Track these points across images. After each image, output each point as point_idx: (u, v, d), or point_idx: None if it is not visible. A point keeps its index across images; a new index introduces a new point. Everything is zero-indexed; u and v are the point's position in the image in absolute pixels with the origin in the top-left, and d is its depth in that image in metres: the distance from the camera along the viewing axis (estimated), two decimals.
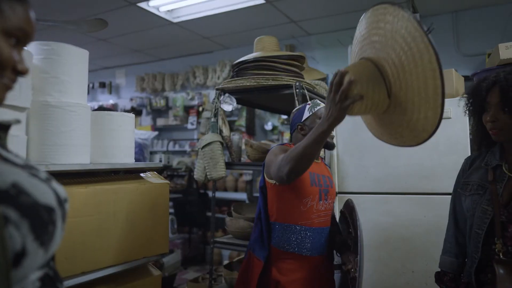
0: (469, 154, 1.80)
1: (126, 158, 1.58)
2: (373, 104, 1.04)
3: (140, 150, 3.59)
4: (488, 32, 3.64)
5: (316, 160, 1.61)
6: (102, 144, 1.52)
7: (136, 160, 3.39)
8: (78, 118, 1.35)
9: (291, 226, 1.50)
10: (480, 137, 1.38)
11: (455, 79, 2.20)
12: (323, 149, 1.71)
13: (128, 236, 1.45)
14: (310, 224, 1.50)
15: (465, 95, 1.39)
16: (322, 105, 1.61)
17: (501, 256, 1.20)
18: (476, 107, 1.32)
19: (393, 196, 2.08)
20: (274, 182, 1.49)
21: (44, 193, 0.53)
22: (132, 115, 1.60)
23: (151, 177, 1.63)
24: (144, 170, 1.66)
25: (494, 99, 1.22)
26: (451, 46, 3.83)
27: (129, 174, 1.63)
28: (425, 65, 0.90)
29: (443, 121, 2.07)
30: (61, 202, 0.55)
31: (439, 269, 1.48)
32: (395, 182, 2.09)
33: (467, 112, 1.39)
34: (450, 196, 1.54)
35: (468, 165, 1.44)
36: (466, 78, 2.40)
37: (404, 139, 1.05)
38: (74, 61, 1.37)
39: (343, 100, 1.05)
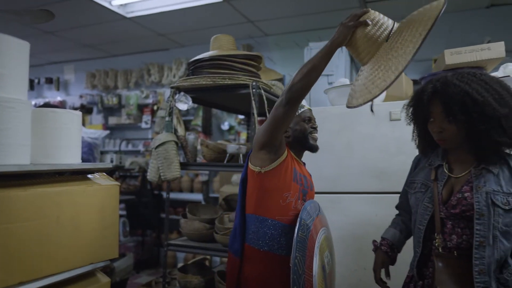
0: (417, 154, 1.88)
1: (72, 158, 1.47)
2: (373, 35, 1.21)
3: (90, 150, 3.42)
4: (434, 39, 3.84)
5: (299, 161, 1.61)
6: (44, 143, 1.41)
7: (86, 160, 3.24)
8: (17, 115, 1.24)
9: (267, 220, 1.47)
10: (423, 144, 1.45)
11: (404, 82, 2.30)
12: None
13: (73, 241, 1.36)
14: (286, 221, 1.47)
15: (406, 106, 1.44)
16: (307, 107, 1.64)
17: (440, 251, 1.27)
18: (419, 117, 1.38)
19: (346, 196, 2.13)
20: (259, 169, 1.46)
21: None
22: (78, 113, 1.50)
23: (100, 179, 1.54)
24: (91, 171, 1.56)
25: (437, 110, 1.26)
26: None
27: (76, 175, 1.53)
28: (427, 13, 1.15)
29: (392, 123, 2.15)
30: None
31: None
32: (348, 182, 2.14)
33: (410, 121, 1.45)
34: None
35: (415, 165, 1.52)
36: (415, 82, 2.51)
37: (386, 75, 1.18)
38: (13, 53, 1.26)
39: (349, 21, 1.23)
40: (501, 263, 1.21)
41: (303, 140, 1.59)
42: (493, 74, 1.92)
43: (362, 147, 2.13)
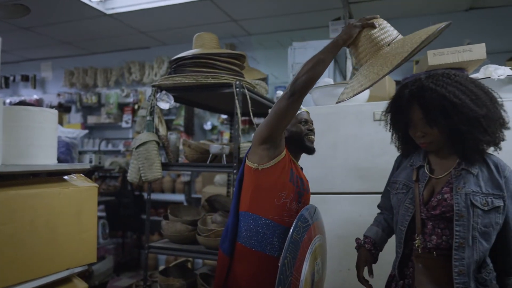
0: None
1: (47, 159, 1.41)
2: (376, 37, 1.27)
3: (68, 150, 3.31)
4: None
5: (296, 163, 1.61)
6: (18, 143, 1.34)
7: (63, 160, 3.14)
8: None
9: (261, 219, 1.46)
10: (405, 147, 1.45)
11: (387, 83, 2.31)
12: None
13: (48, 246, 1.30)
14: (280, 221, 1.46)
15: (384, 113, 1.44)
16: (304, 109, 1.64)
17: (420, 252, 1.27)
18: (399, 123, 1.38)
19: (331, 196, 2.12)
20: (256, 166, 1.45)
21: None
22: (54, 111, 1.44)
23: (77, 180, 1.47)
24: (68, 172, 1.49)
25: (417, 116, 1.27)
26: None
27: (52, 177, 1.46)
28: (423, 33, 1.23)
29: (376, 123, 2.16)
30: None
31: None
32: (332, 182, 2.13)
33: (390, 128, 1.45)
34: None
35: (397, 165, 1.52)
36: (397, 83, 2.54)
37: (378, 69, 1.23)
38: None
39: (358, 22, 1.31)
40: (479, 263, 1.22)
41: (298, 141, 1.59)
42: (474, 75, 1.95)
43: (346, 147, 2.12)
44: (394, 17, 4.16)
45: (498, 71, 1.82)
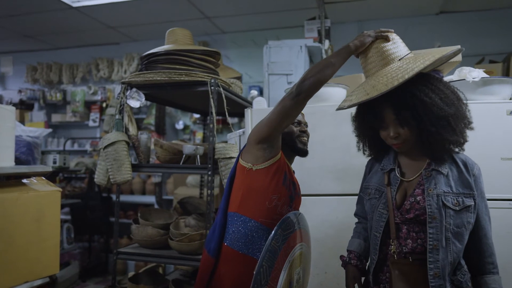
0: None
1: (3, 161, 1.29)
2: (387, 50, 1.29)
3: (29, 150, 3.11)
4: None
5: (290, 166, 1.56)
6: None
7: (24, 161, 2.94)
8: None
9: (250, 221, 1.41)
10: (375, 150, 1.44)
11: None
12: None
13: (3, 257, 1.18)
14: (269, 225, 1.41)
15: (354, 118, 1.42)
16: None
17: (395, 257, 1.25)
18: (371, 126, 1.36)
19: (307, 198, 2.08)
20: (250, 166, 1.41)
21: None
22: (11, 108, 1.32)
23: (37, 184, 1.36)
24: (27, 175, 1.37)
25: (390, 117, 1.25)
26: None
27: (9, 180, 1.34)
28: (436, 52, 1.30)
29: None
30: None
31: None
32: (309, 184, 2.09)
33: (360, 133, 1.43)
34: None
35: (369, 169, 1.50)
36: None
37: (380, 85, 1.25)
38: None
39: (372, 32, 1.32)
40: (454, 265, 1.22)
41: (290, 143, 1.54)
42: (449, 77, 1.97)
43: (323, 148, 2.09)
44: (366, 19, 4.21)
45: (473, 73, 1.84)
